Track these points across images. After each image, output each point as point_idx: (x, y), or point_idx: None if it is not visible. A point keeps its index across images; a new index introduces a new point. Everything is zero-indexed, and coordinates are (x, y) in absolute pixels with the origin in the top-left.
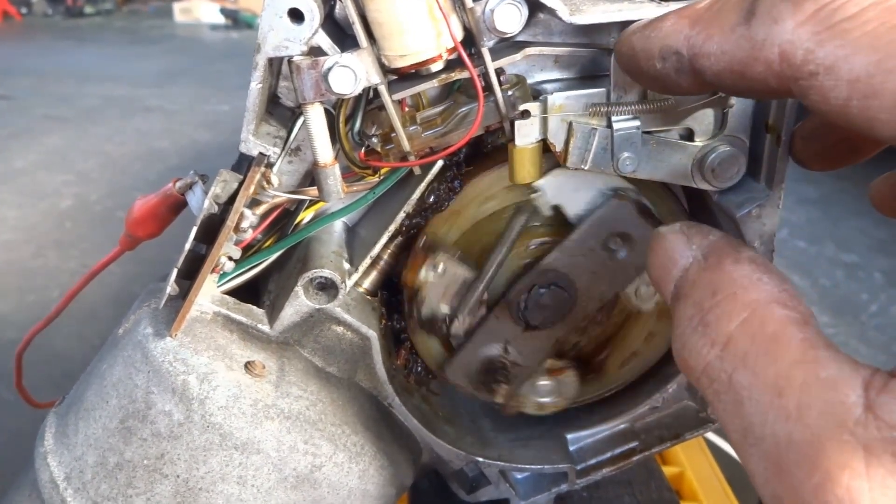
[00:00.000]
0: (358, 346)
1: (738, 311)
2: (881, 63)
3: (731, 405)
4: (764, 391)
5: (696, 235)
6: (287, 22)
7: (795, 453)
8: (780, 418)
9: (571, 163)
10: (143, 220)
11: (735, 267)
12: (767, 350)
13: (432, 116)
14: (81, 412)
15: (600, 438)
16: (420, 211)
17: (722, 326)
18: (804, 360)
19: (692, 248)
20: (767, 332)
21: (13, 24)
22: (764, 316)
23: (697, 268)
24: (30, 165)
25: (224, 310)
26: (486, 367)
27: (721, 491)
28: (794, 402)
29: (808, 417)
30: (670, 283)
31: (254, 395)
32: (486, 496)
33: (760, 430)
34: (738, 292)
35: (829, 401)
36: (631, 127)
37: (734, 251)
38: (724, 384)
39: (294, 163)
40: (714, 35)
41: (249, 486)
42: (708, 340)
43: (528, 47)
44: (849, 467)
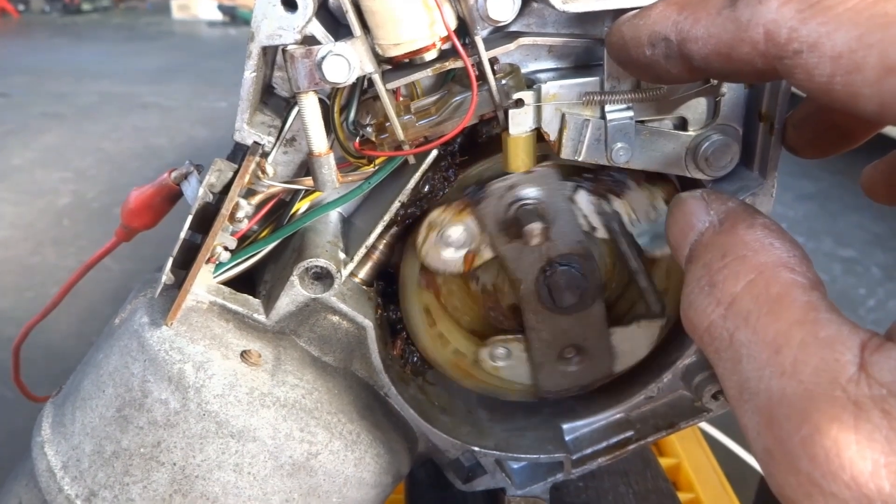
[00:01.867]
0: (354, 336)
1: (745, 273)
2: (862, 38)
3: (730, 362)
4: (762, 348)
5: (714, 202)
6: (280, 10)
7: (787, 407)
8: (775, 374)
9: (565, 154)
10: (139, 211)
11: (747, 231)
12: (770, 310)
13: (426, 106)
14: (78, 401)
15: (596, 428)
16: (415, 200)
17: (728, 287)
18: (804, 321)
19: (710, 214)
20: (772, 294)
21: (10, 21)
22: (770, 278)
23: (712, 231)
24: (27, 163)
25: (220, 299)
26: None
27: (717, 482)
28: (791, 359)
29: (803, 374)
30: (686, 247)
31: (250, 384)
32: (482, 485)
33: (756, 386)
34: (748, 255)
35: (824, 359)
36: (624, 117)
37: (749, 217)
38: (725, 342)
39: (289, 153)
40: (701, 19)
41: (245, 474)
42: (713, 300)
43: (522, 37)
44: (838, 420)
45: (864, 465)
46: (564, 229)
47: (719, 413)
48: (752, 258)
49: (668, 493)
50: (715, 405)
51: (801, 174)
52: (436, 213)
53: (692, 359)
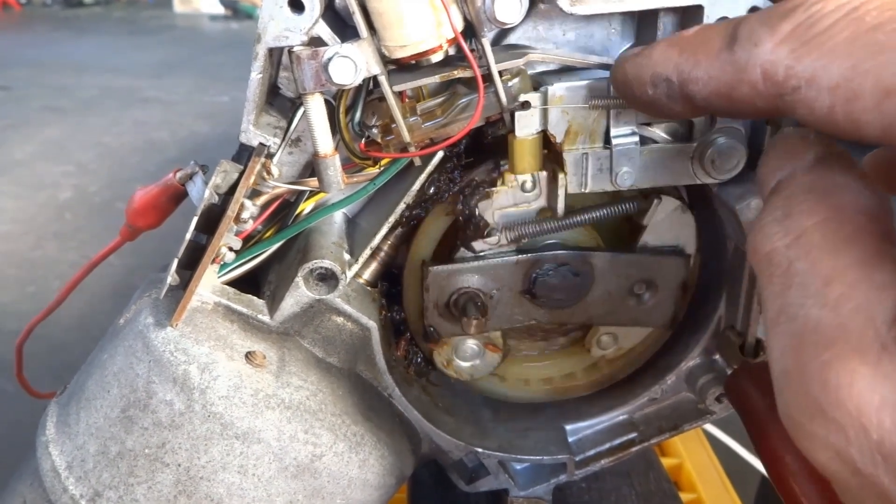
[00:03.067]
0: (358, 337)
1: (823, 210)
2: (856, 67)
3: (779, 286)
4: (814, 280)
5: (817, 143)
6: (287, 12)
7: (817, 334)
8: (817, 304)
9: (571, 189)
10: (144, 211)
11: (841, 174)
12: (835, 248)
13: (432, 107)
14: (83, 401)
15: (599, 430)
16: (420, 202)
17: (802, 220)
18: (865, 263)
19: (810, 152)
20: (842, 234)
21: (12, 14)
22: (846, 219)
23: (805, 168)
24: (28, 156)
25: (225, 300)
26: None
27: (719, 482)
28: (837, 293)
29: (843, 307)
30: (774, 181)
31: (254, 385)
32: (486, 486)
33: (795, 311)
34: (834, 194)
35: (869, 299)
36: (629, 143)
37: (848, 162)
38: (782, 268)
39: (294, 153)
40: (701, 61)
41: (250, 476)
42: (783, 228)
43: (531, 53)
44: (859, 354)
45: (872, 397)
46: (506, 274)
47: (723, 415)
48: (836, 198)
49: (670, 494)
50: (718, 407)
51: None
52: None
53: (696, 361)
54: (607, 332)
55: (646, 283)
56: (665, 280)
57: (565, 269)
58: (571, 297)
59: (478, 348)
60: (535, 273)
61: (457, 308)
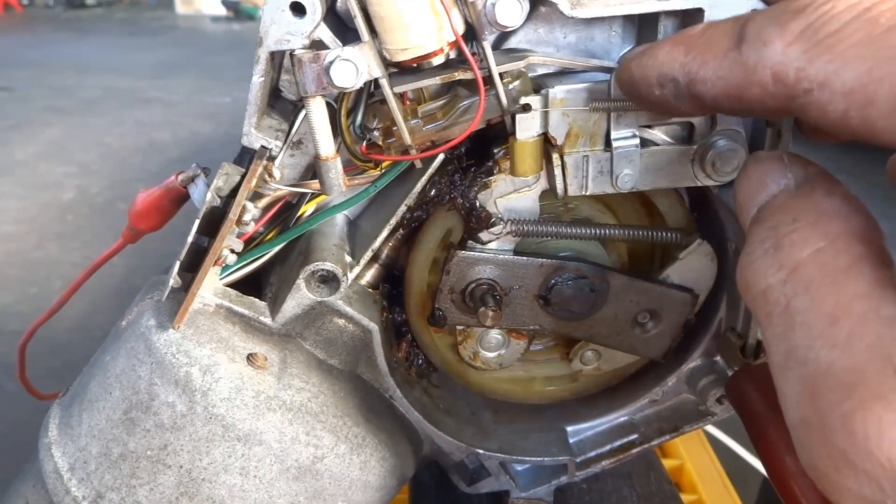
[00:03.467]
0: (359, 339)
1: (815, 240)
2: (871, 72)
3: (781, 328)
4: (819, 318)
5: (794, 165)
6: (289, 15)
7: (833, 380)
8: (826, 345)
9: (572, 192)
10: (146, 213)
11: (825, 199)
12: (834, 281)
13: (433, 110)
14: (85, 403)
15: (600, 431)
16: (421, 204)
17: (794, 252)
18: (869, 296)
19: (787, 176)
20: (840, 264)
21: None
22: (841, 248)
23: (786, 195)
24: (30, 157)
25: (226, 302)
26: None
27: (720, 483)
28: (846, 332)
29: (856, 347)
30: (754, 207)
31: (256, 387)
32: (487, 488)
33: (804, 355)
34: (822, 221)
35: (882, 336)
36: (630, 145)
37: (829, 184)
38: (781, 307)
39: (296, 156)
40: (708, 61)
41: (252, 477)
42: (775, 263)
43: (532, 55)
44: (884, 400)
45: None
46: (525, 276)
47: (724, 417)
48: (826, 225)
49: (671, 496)
50: (719, 409)
51: None
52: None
53: (697, 363)
54: (594, 349)
55: (651, 313)
56: (671, 315)
57: (584, 283)
58: (582, 312)
59: (502, 338)
60: (554, 280)
61: (472, 299)
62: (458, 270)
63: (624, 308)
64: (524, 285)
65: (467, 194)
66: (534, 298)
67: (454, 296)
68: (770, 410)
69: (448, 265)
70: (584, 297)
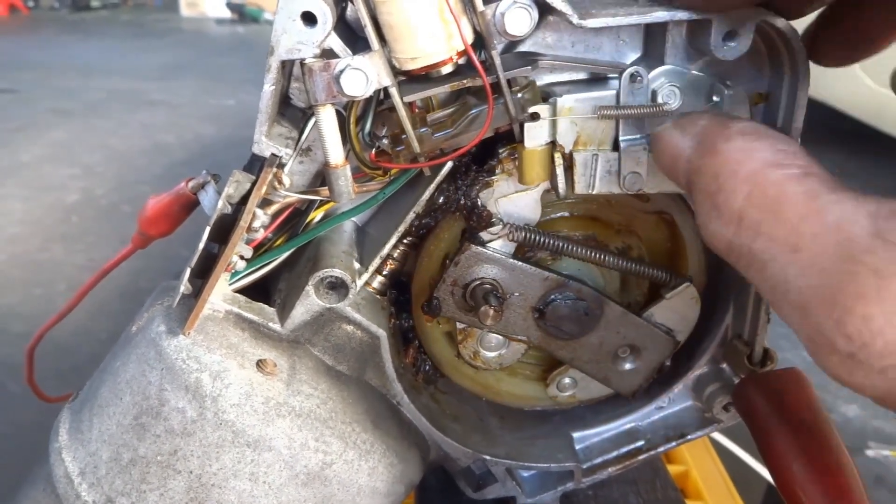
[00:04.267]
0: (367, 345)
1: (740, 188)
2: None
3: (756, 272)
4: (781, 251)
5: (687, 125)
6: (300, 25)
7: (817, 297)
8: (798, 272)
9: (579, 190)
10: (156, 219)
11: (727, 145)
12: (775, 214)
13: (442, 118)
14: (95, 408)
15: (606, 437)
16: (430, 211)
17: (731, 206)
18: (809, 213)
19: (686, 138)
20: (771, 198)
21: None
22: (764, 183)
23: (696, 155)
24: (35, 159)
25: (236, 308)
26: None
27: (725, 490)
28: (809, 255)
29: (823, 263)
30: (682, 178)
31: (265, 393)
32: (493, 494)
33: (785, 286)
34: (736, 169)
35: (838, 242)
36: (637, 147)
37: (724, 129)
38: (748, 255)
39: (305, 163)
40: None
41: (261, 483)
42: (723, 222)
43: (541, 60)
44: (862, 297)
45: (893, 331)
46: (525, 284)
47: (730, 424)
48: (741, 171)
49: (677, 502)
50: (725, 416)
51: None
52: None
53: (703, 370)
54: (572, 377)
55: (632, 348)
56: (650, 354)
57: (581, 305)
58: (572, 333)
59: (502, 337)
60: (553, 296)
61: (473, 296)
62: (467, 264)
63: (609, 338)
64: (524, 294)
65: (469, 193)
66: (530, 310)
67: (455, 289)
68: (777, 418)
69: (458, 257)
70: (577, 319)
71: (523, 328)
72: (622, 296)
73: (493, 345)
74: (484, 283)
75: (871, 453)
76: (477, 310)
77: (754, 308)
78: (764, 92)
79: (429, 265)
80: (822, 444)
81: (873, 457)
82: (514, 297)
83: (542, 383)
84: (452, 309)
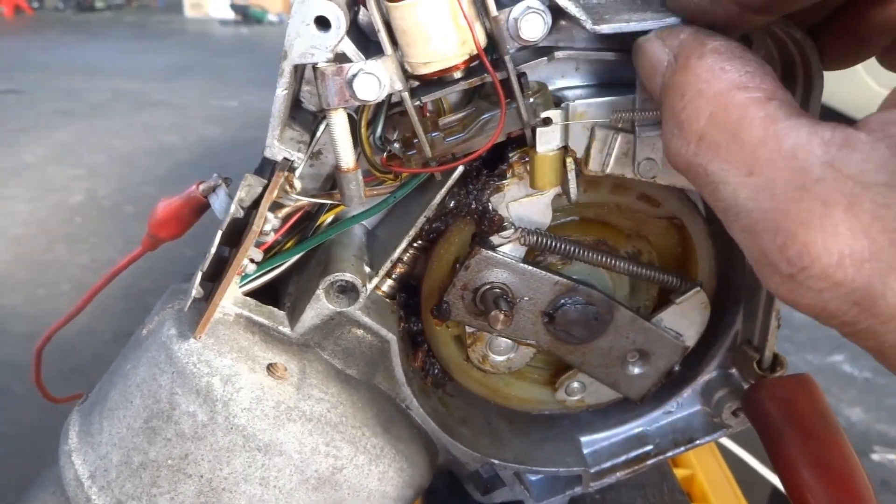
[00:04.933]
0: (377, 349)
1: (704, 108)
2: None
3: (710, 192)
4: (735, 174)
5: (668, 37)
6: (314, 29)
7: (764, 222)
8: (750, 196)
9: (592, 168)
10: (167, 222)
11: (699, 62)
12: (734, 137)
13: (454, 123)
14: (105, 411)
15: (615, 442)
16: (440, 216)
17: (693, 125)
18: (766, 137)
19: (666, 52)
20: (732, 120)
21: (24, 19)
22: (727, 105)
23: (670, 70)
24: (40, 160)
25: (246, 312)
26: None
27: (731, 494)
28: (762, 180)
29: (774, 189)
30: (657, 91)
31: (276, 398)
32: (501, 498)
33: (736, 209)
34: (703, 88)
35: (792, 168)
36: (654, 133)
37: (699, 46)
38: (703, 176)
39: (315, 166)
40: None
41: (272, 488)
42: (684, 141)
43: (557, 51)
44: (805, 224)
45: (830, 258)
46: (535, 289)
47: (738, 430)
48: (707, 90)
49: None
50: (734, 421)
51: None
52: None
53: (712, 375)
54: (580, 381)
55: (641, 353)
56: (659, 359)
57: (591, 310)
58: (581, 337)
59: (511, 342)
60: (563, 300)
61: (483, 301)
62: (477, 268)
63: (619, 343)
64: (534, 298)
65: (480, 197)
66: (539, 314)
67: (465, 293)
68: (787, 424)
69: (469, 261)
70: (587, 324)
71: (533, 332)
72: (631, 300)
73: (503, 349)
74: (494, 287)
75: (876, 457)
76: (487, 314)
77: (764, 313)
78: None
79: (438, 269)
80: (831, 450)
81: (878, 461)
82: (524, 301)
83: (550, 387)
84: (462, 313)
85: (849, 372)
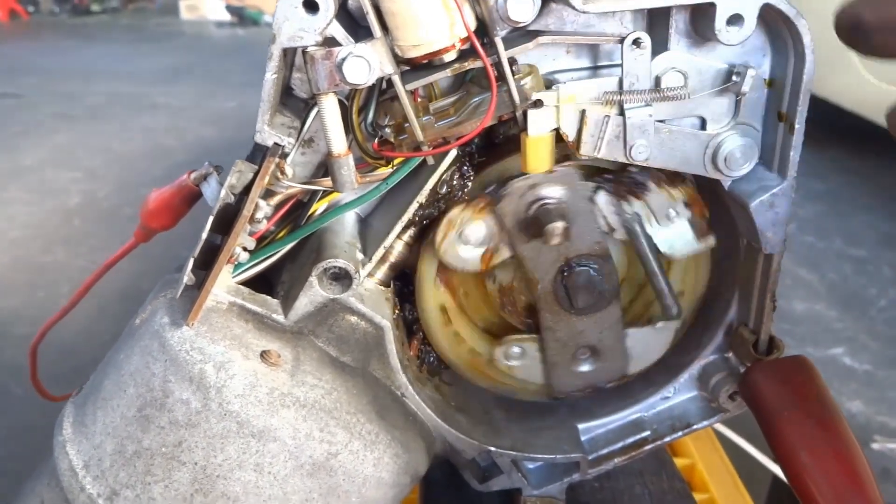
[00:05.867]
0: (372, 336)
1: None
2: None
3: None
4: None
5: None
6: (302, 12)
7: None
8: None
9: (584, 151)
10: (159, 212)
11: None
12: None
13: (445, 107)
14: (99, 401)
15: (612, 429)
16: (433, 201)
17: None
18: None
19: None
20: None
21: (20, 23)
22: None
23: None
24: (38, 163)
25: (239, 300)
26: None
27: (731, 482)
28: None
29: None
30: None
31: (270, 384)
32: (498, 485)
33: None
34: None
35: None
36: (644, 115)
37: None
38: None
39: (307, 154)
40: None
41: (266, 474)
42: None
43: (541, 36)
44: None
45: None
46: (584, 230)
47: (736, 414)
48: None
49: (683, 494)
50: (731, 405)
51: (810, 174)
52: (456, 211)
53: (709, 359)
54: (521, 348)
55: (593, 354)
56: (601, 370)
57: (603, 286)
58: (574, 307)
59: (483, 233)
60: (588, 263)
61: (536, 223)
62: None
63: (591, 332)
64: (577, 239)
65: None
66: (564, 260)
67: (520, 225)
68: (784, 406)
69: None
70: (587, 296)
71: (544, 271)
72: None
73: (473, 241)
74: (542, 204)
75: (876, 447)
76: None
77: (759, 296)
78: (767, 79)
79: (430, 256)
80: (830, 431)
81: (879, 450)
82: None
83: (493, 343)
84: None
85: (849, 365)
